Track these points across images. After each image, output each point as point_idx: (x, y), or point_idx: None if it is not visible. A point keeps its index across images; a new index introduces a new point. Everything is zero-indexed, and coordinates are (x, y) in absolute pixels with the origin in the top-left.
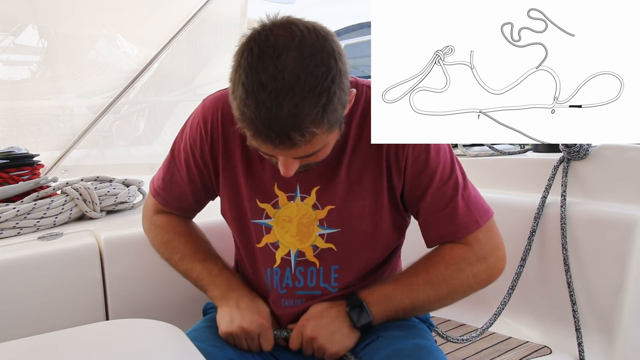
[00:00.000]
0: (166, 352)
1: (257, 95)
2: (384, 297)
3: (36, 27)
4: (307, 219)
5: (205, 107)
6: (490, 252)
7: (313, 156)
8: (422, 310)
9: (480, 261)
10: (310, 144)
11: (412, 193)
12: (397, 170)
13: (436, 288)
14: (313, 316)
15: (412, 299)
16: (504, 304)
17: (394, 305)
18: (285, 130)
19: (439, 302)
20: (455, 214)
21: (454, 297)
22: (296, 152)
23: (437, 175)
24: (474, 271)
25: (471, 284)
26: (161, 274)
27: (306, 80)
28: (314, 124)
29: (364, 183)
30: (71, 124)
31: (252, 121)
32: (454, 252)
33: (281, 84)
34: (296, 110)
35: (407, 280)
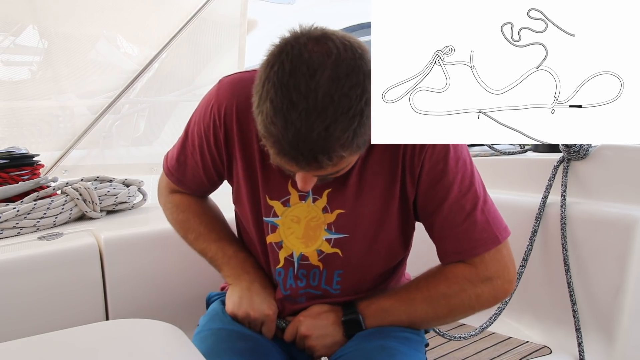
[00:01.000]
0: (166, 352)
1: (287, 114)
2: (381, 311)
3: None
4: (316, 222)
5: (220, 91)
6: (497, 273)
7: (335, 174)
8: (420, 326)
9: (485, 283)
10: (337, 165)
11: (426, 204)
12: (411, 177)
13: (435, 306)
14: (310, 315)
15: (410, 315)
16: (505, 303)
17: (390, 320)
18: (314, 154)
19: (437, 320)
20: (473, 229)
21: (454, 316)
22: (320, 173)
23: (454, 187)
24: (478, 292)
25: (473, 305)
26: (161, 274)
27: (340, 102)
28: (343, 148)
29: (376, 188)
30: (71, 124)
31: (278, 140)
32: (458, 271)
33: (313, 104)
34: (327, 133)
35: (406, 295)
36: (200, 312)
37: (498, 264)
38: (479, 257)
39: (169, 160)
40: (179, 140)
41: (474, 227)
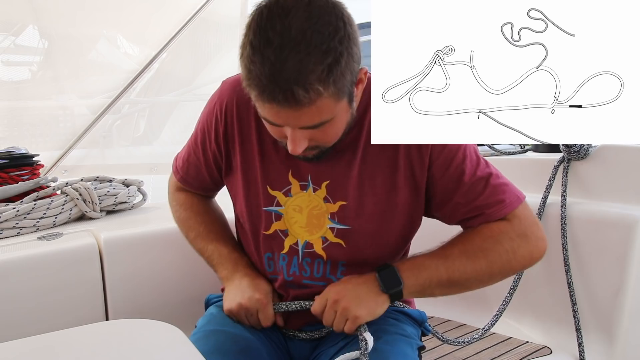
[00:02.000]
0: (166, 352)
1: (263, 51)
2: (416, 265)
3: (37, 27)
4: (318, 210)
5: (222, 89)
6: (530, 229)
7: (321, 129)
8: (459, 283)
9: (521, 237)
10: (316, 107)
11: (446, 186)
12: (420, 166)
13: (473, 260)
14: (339, 282)
15: (448, 268)
16: (506, 304)
17: (427, 274)
18: (289, 85)
19: (476, 276)
20: (496, 191)
21: (492, 272)
22: (301, 117)
23: (467, 162)
24: (514, 246)
25: (510, 259)
26: (161, 274)
27: (312, 37)
28: (318, 82)
29: (377, 179)
30: (71, 124)
31: (257, 77)
32: (493, 227)
33: (287, 40)
34: (300, 65)
35: (441, 251)
36: (200, 312)
37: (529, 220)
38: (511, 213)
39: (178, 159)
40: (189, 139)
41: (497, 190)
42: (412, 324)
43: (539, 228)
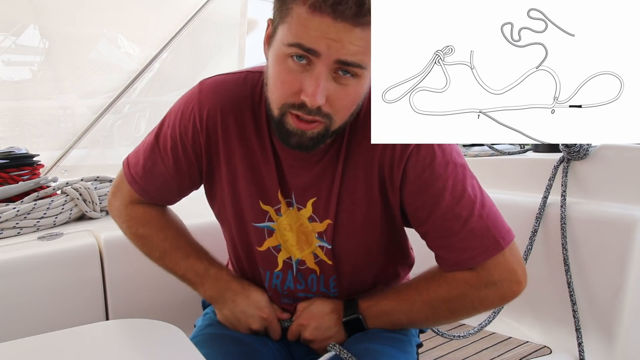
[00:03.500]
0: (166, 352)
1: None
2: (382, 314)
3: (37, 27)
4: (305, 228)
5: (202, 93)
6: (502, 277)
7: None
8: (421, 326)
9: (489, 287)
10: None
11: (416, 213)
12: (392, 186)
13: (436, 310)
14: (314, 316)
15: (410, 318)
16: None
17: (391, 322)
18: None
19: (438, 322)
20: (471, 237)
21: (456, 318)
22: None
23: (446, 194)
24: (481, 296)
25: (477, 307)
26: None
27: None
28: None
29: (356, 194)
30: (72, 124)
31: None
32: (459, 276)
33: None
34: None
35: (406, 297)
36: (200, 313)
37: (502, 269)
38: (480, 265)
39: (132, 167)
40: (146, 145)
41: (472, 235)
42: None
43: (515, 273)
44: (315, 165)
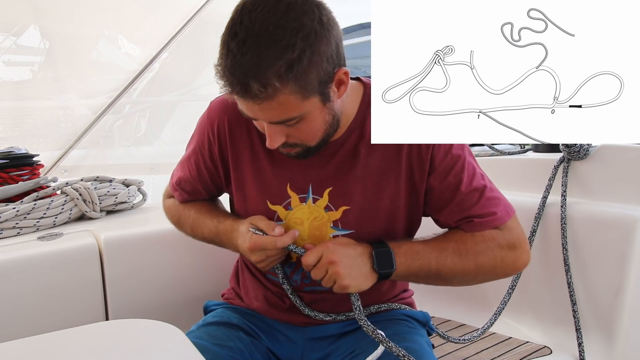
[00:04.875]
0: (166, 352)
1: (229, 44)
2: (411, 252)
3: (38, 27)
4: (319, 221)
5: (211, 110)
6: (519, 241)
7: (295, 127)
8: (444, 278)
9: (510, 247)
10: (278, 102)
11: (442, 196)
12: (421, 171)
13: (464, 259)
14: (339, 242)
15: (439, 262)
16: (504, 303)
17: (419, 263)
18: (246, 78)
19: (463, 274)
20: (490, 204)
21: (478, 274)
22: (266, 111)
23: (465, 172)
24: (502, 254)
25: (497, 266)
26: (161, 274)
27: (274, 32)
28: (276, 77)
29: (382, 184)
30: (72, 124)
31: (222, 69)
32: (485, 233)
33: (250, 34)
34: (258, 58)
35: (437, 244)
36: (200, 312)
37: (518, 233)
38: (504, 225)
39: (174, 177)
40: (182, 158)
41: (490, 203)
42: (417, 325)
43: (526, 242)
44: (331, 158)
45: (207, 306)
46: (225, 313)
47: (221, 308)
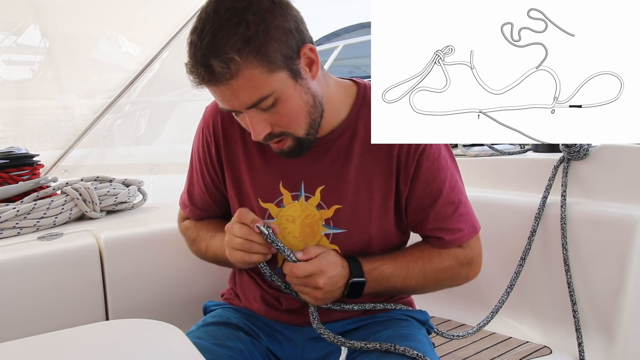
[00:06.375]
0: (166, 352)
1: (191, 37)
2: (382, 278)
3: (38, 27)
4: (311, 219)
5: (206, 114)
6: (476, 258)
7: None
8: (405, 292)
9: (468, 264)
10: (244, 79)
11: (421, 202)
12: (405, 175)
13: (427, 279)
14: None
15: (404, 283)
16: (502, 302)
17: (385, 286)
18: (207, 59)
19: (422, 290)
20: (461, 220)
21: (435, 289)
22: (237, 93)
23: (446, 183)
24: (461, 271)
25: (453, 280)
26: (161, 274)
27: (225, 14)
28: (234, 51)
29: (374, 184)
30: (72, 123)
31: (188, 63)
32: (450, 250)
33: (205, 22)
34: (215, 39)
35: (404, 264)
36: (200, 312)
37: (477, 250)
38: (466, 243)
39: (182, 195)
40: (187, 174)
41: (461, 219)
42: (417, 324)
43: (481, 258)
44: (324, 156)
45: (207, 306)
46: (225, 313)
47: (221, 308)
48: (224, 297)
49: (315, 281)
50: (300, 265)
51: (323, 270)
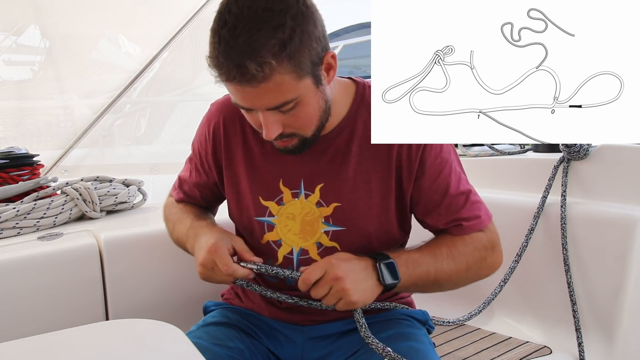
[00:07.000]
0: (166, 352)
1: (220, 32)
2: (411, 261)
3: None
4: (311, 216)
5: (210, 111)
6: (497, 243)
7: (291, 113)
8: (441, 283)
9: (492, 249)
10: (274, 83)
11: (430, 199)
12: (409, 173)
13: (457, 262)
14: (340, 257)
15: (437, 268)
16: (495, 294)
17: (419, 272)
18: (242, 59)
19: (457, 277)
20: (474, 208)
21: (468, 276)
22: (263, 96)
23: (452, 176)
24: (486, 255)
25: (482, 266)
26: (161, 274)
27: (262, 14)
28: (271, 55)
29: (372, 182)
30: (72, 123)
31: (215, 57)
32: (473, 235)
33: (239, 19)
34: (251, 39)
35: (430, 250)
36: (200, 312)
37: (497, 235)
38: (487, 227)
39: (177, 179)
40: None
41: (474, 207)
42: (417, 324)
43: (500, 244)
44: (323, 154)
45: (207, 306)
46: (225, 313)
47: (221, 308)
48: (224, 297)
49: (332, 274)
50: (309, 269)
51: (332, 262)
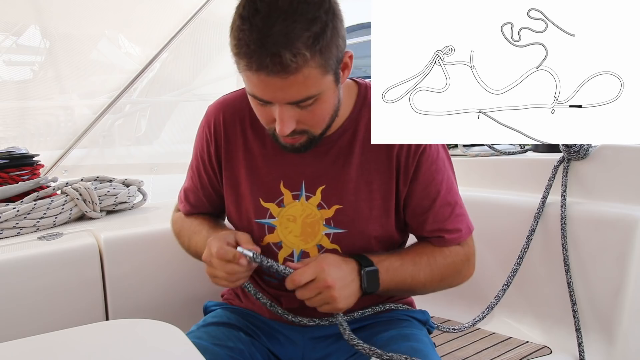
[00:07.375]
0: (166, 352)
1: (252, 19)
2: (392, 270)
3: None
4: (312, 218)
5: (208, 113)
6: (472, 256)
7: (309, 109)
8: (415, 290)
9: (467, 261)
10: (303, 76)
11: (420, 204)
12: (405, 176)
13: (434, 272)
14: (331, 263)
15: (414, 277)
16: (498, 298)
17: (397, 280)
18: (277, 48)
19: (431, 286)
20: (458, 220)
21: (441, 285)
22: (289, 88)
23: (444, 185)
24: (462, 268)
25: (455, 278)
26: (161, 274)
27: (299, 6)
28: (305, 47)
29: (374, 184)
30: (72, 124)
31: (245, 44)
32: (452, 248)
33: (274, 8)
34: (287, 30)
35: (411, 258)
36: (200, 312)
37: (472, 248)
38: (465, 241)
39: (181, 191)
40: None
41: (458, 219)
42: (418, 324)
43: (475, 256)
44: (324, 156)
45: (207, 306)
46: (225, 313)
47: (221, 308)
48: (224, 297)
49: (323, 281)
50: (300, 271)
51: (324, 267)
